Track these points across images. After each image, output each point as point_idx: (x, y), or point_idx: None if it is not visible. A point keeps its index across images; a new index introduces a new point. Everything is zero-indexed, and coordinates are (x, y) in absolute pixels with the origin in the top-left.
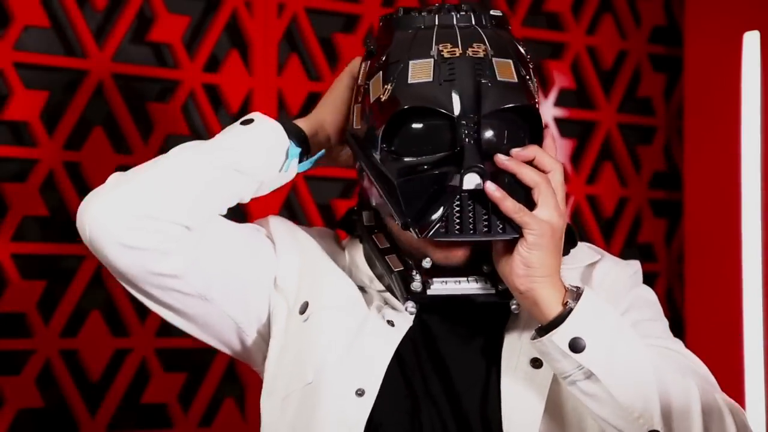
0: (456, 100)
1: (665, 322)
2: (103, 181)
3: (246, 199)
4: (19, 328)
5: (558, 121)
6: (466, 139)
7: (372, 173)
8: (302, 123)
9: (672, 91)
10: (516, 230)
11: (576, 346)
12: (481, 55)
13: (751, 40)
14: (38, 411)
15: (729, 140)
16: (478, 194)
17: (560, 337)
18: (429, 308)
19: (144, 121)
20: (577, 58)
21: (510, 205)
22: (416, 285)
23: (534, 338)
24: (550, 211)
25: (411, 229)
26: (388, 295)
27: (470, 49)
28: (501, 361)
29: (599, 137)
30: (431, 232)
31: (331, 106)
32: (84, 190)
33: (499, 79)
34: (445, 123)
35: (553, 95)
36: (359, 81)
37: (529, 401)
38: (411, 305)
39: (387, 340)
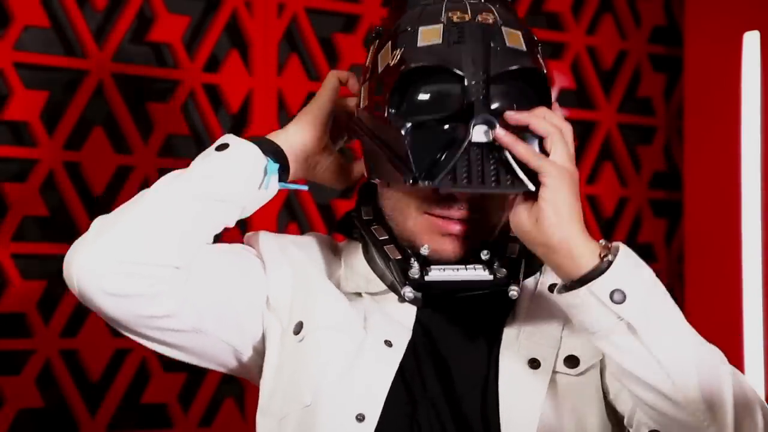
0: (466, 60)
1: None
2: (103, 181)
3: (231, 225)
4: (19, 328)
5: None
6: (474, 97)
7: (378, 140)
8: (277, 136)
9: (672, 91)
10: (525, 184)
11: (615, 298)
12: (491, 21)
13: (751, 40)
14: (38, 411)
15: (729, 140)
16: (488, 147)
17: (599, 287)
18: (430, 302)
19: (144, 121)
20: (577, 58)
21: (522, 150)
22: (414, 272)
23: (562, 292)
24: (563, 158)
25: (420, 181)
26: (384, 297)
27: (480, 16)
28: (499, 362)
29: (599, 137)
30: (439, 180)
31: (306, 121)
32: (84, 190)
33: (508, 45)
34: (454, 83)
35: (553, 95)
36: (366, 63)
37: (527, 402)
38: (409, 290)
39: (387, 362)
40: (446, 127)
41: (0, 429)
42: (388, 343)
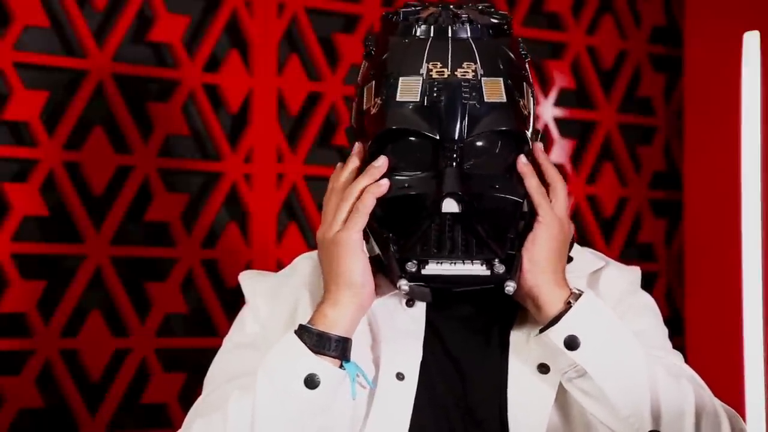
0: (440, 123)
1: (665, 331)
2: (103, 181)
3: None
4: (19, 328)
5: (558, 121)
6: (448, 162)
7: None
8: (336, 323)
9: (672, 91)
10: (494, 253)
11: (572, 343)
12: (470, 76)
13: (751, 40)
14: (38, 411)
15: (729, 140)
16: (458, 217)
17: (557, 334)
18: (434, 300)
19: (144, 121)
20: (577, 58)
21: (534, 184)
22: (411, 265)
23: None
24: (561, 209)
25: (390, 246)
26: (391, 300)
27: (459, 70)
28: (508, 367)
29: (599, 137)
30: (408, 253)
31: (350, 297)
32: (84, 190)
33: (486, 100)
34: (428, 144)
35: (553, 95)
36: (358, 79)
37: (535, 406)
38: (404, 283)
39: (401, 398)
40: (418, 192)
41: (0, 429)
42: (400, 376)
